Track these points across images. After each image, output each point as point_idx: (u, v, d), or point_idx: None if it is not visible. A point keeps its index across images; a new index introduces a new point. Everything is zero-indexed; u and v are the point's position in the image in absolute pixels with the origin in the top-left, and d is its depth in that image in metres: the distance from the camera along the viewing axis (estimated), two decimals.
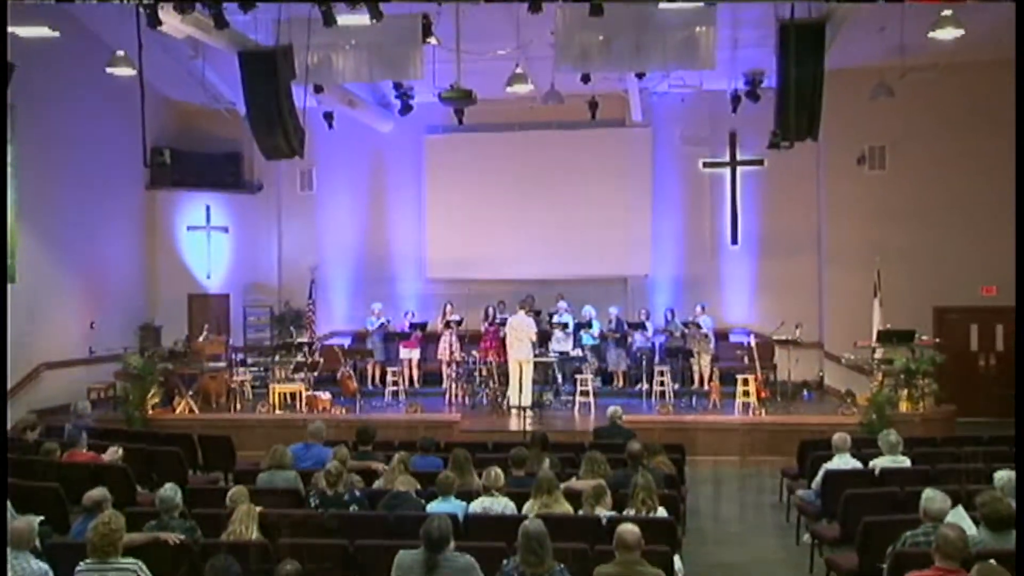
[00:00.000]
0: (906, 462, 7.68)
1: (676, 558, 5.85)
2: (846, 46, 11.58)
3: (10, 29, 10.18)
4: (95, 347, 13.75)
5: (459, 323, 14.76)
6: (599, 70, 11.67)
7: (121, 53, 11.34)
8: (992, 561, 4.23)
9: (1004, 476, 5.96)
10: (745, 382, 12.70)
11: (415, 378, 14.95)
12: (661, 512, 6.09)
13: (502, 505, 6.28)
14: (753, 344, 13.25)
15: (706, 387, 13.67)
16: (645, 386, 13.77)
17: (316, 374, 14.01)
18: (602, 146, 15.78)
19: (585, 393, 13.26)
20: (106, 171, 14.29)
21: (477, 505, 6.29)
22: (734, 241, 15.82)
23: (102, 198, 14.40)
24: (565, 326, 14.21)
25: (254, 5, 9.29)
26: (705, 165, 15.93)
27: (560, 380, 13.99)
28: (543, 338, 13.94)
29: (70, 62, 13.04)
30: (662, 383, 13.55)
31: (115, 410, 12.90)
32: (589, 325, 14.43)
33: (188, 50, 12.97)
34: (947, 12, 10.12)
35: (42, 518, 5.76)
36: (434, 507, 6.15)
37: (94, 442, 8.75)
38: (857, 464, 7.81)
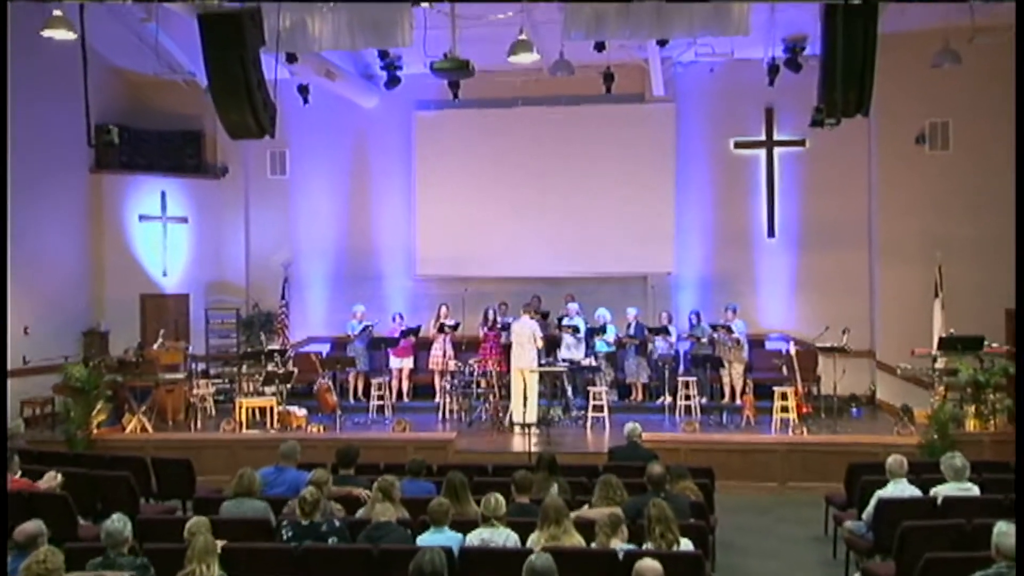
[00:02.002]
0: (974, 490, 7.65)
1: None
2: (904, 6, 11.52)
3: None
4: (29, 356, 13.68)
5: (454, 327, 14.75)
6: (615, 37, 11.63)
7: (59, 13, 11.26)
8: None
9: None
10: (784, 396, 12.71)
11: (405, 391, 14.97)
12: (686, 544, 6.08)
13: (503, 537, 6.28)
14: (793, 352, 13.22)
15: (738, 401, 13.74)
16: (668, 400, 13.83)
17: (290, 386, 13.99)
18: (618, 124, 15.78)
19: (599, 408, 13.27)
20: (43, 152, 14.22)
21: (475, 537, 6.29)
22: (771, 233, 15.84)
23: (38, 183, 14.32)
24: (576, 331, 14.22)
25: None
26: (737, 146, 15.94)
27: (570, 393, 13.99)
28: (551, 345, 13.97)
29: None
30: (687, 397, 13.59)
31: (53, 429, 12.92)
32: (603, 330, 14.44)
33: (139, 11, 12.95)
34: None
35: None
36: (426, 539, 6.17)
37: (28, 466, 8.70)
38: (916, 492, 7.79)
